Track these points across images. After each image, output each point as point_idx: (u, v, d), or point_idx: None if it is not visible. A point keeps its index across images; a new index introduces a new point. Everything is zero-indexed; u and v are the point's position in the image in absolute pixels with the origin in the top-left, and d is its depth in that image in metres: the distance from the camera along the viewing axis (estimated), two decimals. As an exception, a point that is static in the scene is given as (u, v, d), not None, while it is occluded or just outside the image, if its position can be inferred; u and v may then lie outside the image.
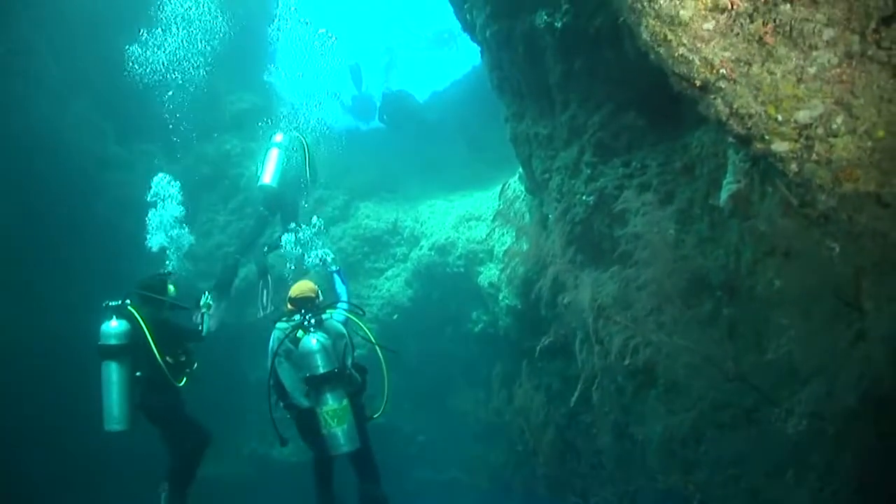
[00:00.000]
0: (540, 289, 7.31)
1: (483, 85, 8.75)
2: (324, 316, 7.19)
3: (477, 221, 12.08)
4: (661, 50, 2.54)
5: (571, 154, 6.94)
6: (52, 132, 12.13)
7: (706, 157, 5.40)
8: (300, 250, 9.60)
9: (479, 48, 8.21)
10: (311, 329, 6.88)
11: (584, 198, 6.77)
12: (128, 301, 7.41)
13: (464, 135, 15.48)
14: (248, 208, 13.16)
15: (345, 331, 7.25)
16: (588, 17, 6.17)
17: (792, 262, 3.98)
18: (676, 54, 2.50)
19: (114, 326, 7.17)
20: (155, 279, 8.01)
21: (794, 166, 2.71)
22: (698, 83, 2.55)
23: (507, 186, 9.16)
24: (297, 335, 6.96)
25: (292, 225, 9.70)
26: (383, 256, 13.34)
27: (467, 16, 7.84)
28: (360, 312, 7.76)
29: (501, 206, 8.90)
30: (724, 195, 4.51)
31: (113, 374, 7.14)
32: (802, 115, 2.52)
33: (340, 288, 8.31)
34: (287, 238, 9.86)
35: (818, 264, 3.51)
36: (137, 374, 7.29)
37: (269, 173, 10.23)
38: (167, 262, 8.89)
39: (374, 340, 7.51)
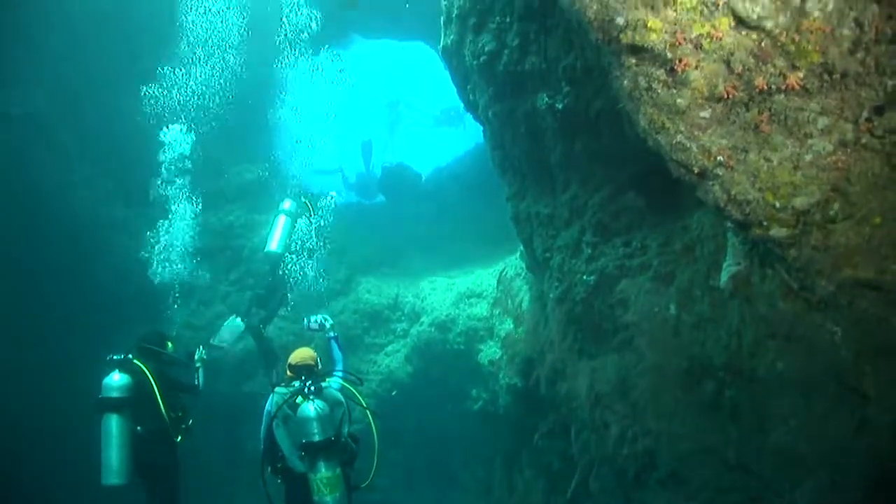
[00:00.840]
0: (538, 376, 7.27)
1: (485, 162, 8.88)
2: (322, 384, 7.19)
3: (478, 298, 12.05)
4: (660, 137, 2.59)
5: (572, 234, 6.99)
6: (59, 193, 12.39)
7: (706, 238, 5.43)
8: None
9: (481, 127, 8.35)
10: (311, 396, 6.90)
11: (584, 277, 6.79)
12: (130, 355, 7.47)
13: (465, 211, 15.59)
14: (250, 279, 13.25)
15: (342, 399, 7.26)
16: (588, 100, 6.28)
17: (793, 346, 3.96)
18: (674, 142, 2.55)
19: (116, 380, 7.18)
20: (153, 334, 8.07)
21: (792, 252, 2.73)
22: (696, 170, 2.59)
23: (504, 273, 9.23)
24: (296, 401, 6.97)
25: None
26: (383, 332, 13.28)
27: (470, 96, 7.99)
28: (358, 381, 7.76)
29: (499, 295, 8.96)
30: (724, 277, 4.52)
31: (113, 427, 7.09)
32: (800, 202, 2.55)
33: (337, 354, 8.27)
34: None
35: (820, 349, 3.49)
36: (138, 428, 7.26)
37: (275, 240, 10.59)
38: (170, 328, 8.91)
39: (365, 405, 7.53)
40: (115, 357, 7.40)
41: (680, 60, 2.36)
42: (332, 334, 8.63)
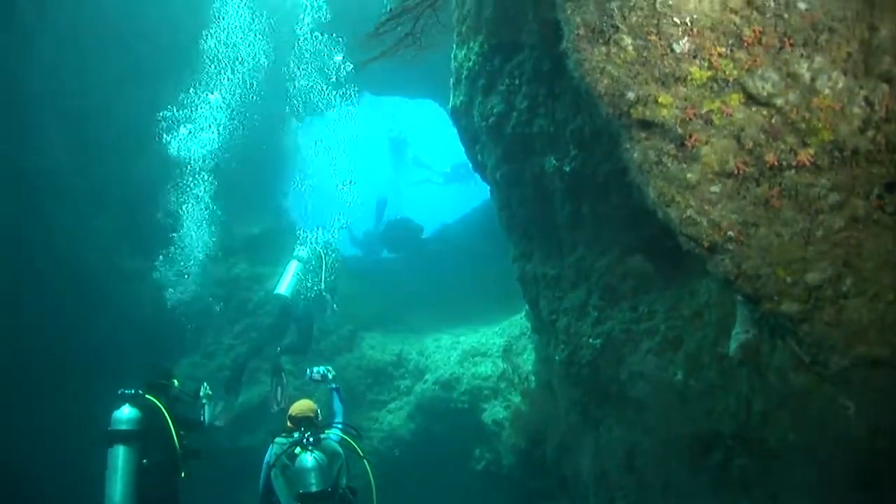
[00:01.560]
0: (543, 449, 7.18)
1: (492, 219, 8.92)
2: (322, 435, 7.30)
3: (483, 357, 11.98)
4: (670, 210, 2.57)
5: (579, 296, 6.95)
6: (70, 244, 12.48)
7: (714, 304, 5.38)
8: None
9: (489, 187, 8.38)
10: (309, 447, 7.02)
11: (591, 341, 6.73)
12: (141, 390, 7.51)
13: (472, 267, 15.59)
14: (254, 332, 13.23)
15: (341, 451, 7.36)
16: (596, 163, 6.32)
17: (805, 418, 3.88)
18: (684, 216, 2.53)
19: (126, 413, 7.25)
20: (161, 369, 8.18)
21: (804, 327, 2.69)
22: (706, 244, 2.57)
23: (510, 345, 9.30)
24: (295, 451, 7.07)
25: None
26: (386, 389, 13.18)
27: (478, 156, 8.04)
28: (356, 434, 7.86)
29: (506, 367, 9.01)
30: (733, 345, 4.46)
31: (120, 459, 7.11)
32: (812, 277, 2.52)
33: (338, 406, 8.36)
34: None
35: (833, 423, 3.42)
36: (144, 461, 7.23)
37: (284, 283, 11.08)
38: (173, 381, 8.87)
39: (363, 455, 7.61)
40: (125, 391, 7.45)
41: (690, 136, 2.36)
42: (333, 385, 8.70)
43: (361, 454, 7.58)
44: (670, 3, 2.22)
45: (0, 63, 11.70)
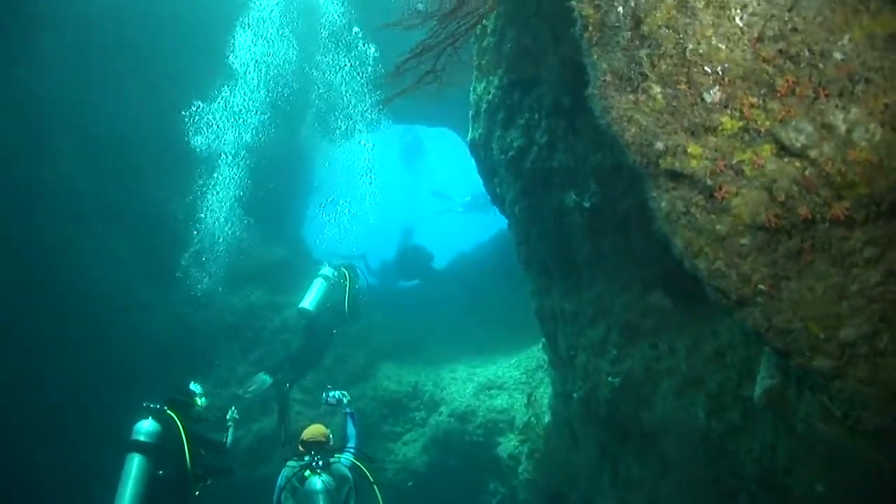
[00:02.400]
0: (560, 489, 7.07)
1: (508, 248, 8.87)
2: (332, 459, 7.59)
3: (498, 390, 11.87)
4: (697, 262, 2.49)
5: (598, 333, 6.85)
6: (86, 271, 12.50)
7: (737, 345, 5.26)
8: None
9: (507, 220, 8.32)
10: (319, 471, 7.33)
11: (609, 379, 6.61)
12: (165, 406, 7.73)
13: (488, 297, 15.51)
14: (269, 361, 13.19)
15: (350, 476, 7.57)
16: (616, 198, 6.24)
17: (834, 470, 3.76)
18: (713, 268, 2.45)
19: (146, 426, 7.46)
20: (187, 388, 8.42)
21: (837, 383, 2.58)
22: (735, 297, 2.48)
23: (533, 398, 9.30)
24: (305, 474, 7.35)
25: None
26: (401, 420, 13.04)
27: (496, 189, 7.99)
28: (368, 459, 8.04)
29: (530, 419, 8.98)
30: (757, 390, 4.33)
31: (135, 467, 7.29)
32: (846, 334, 2.42)
33: (351, 431, 8.50)
34: None
35: (866, 478, 3.30)
36: (159, 472, 7.42)
37: (308, 299, 11.41)
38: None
39: (373, 480, 7.81)
40: (149, 405, 7.70)
41: (720, 187, 2.28)
42: (348, 410, 8.86)
43: (371, 479, 7.73)
44: (701, 51, 2.16)
45: (19, 85, 11.80)
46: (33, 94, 11.98)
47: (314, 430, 7.98)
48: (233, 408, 8.91)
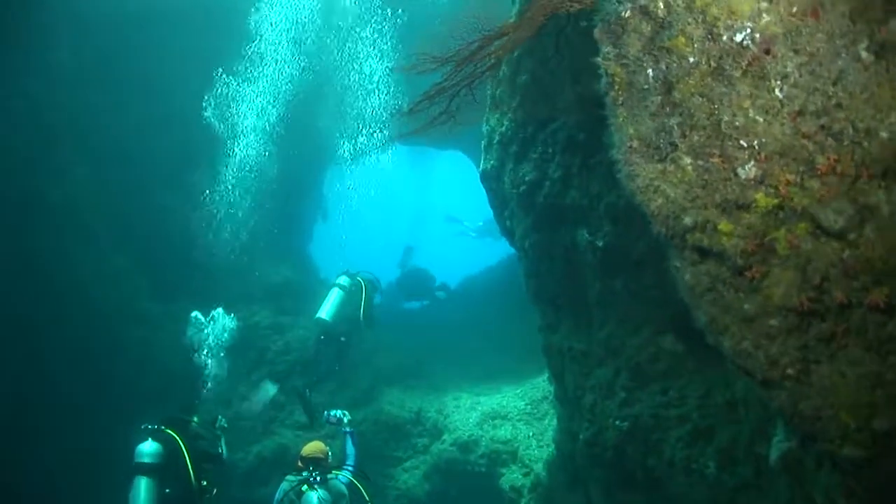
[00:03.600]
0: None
1: (516, 273, 8.76)
2: (329, 476, 7.75)
3: (502, 420, 11.68)
4: (722, 339, 2.34)
5: (607, 374, 6.67)
6: (90, 284, 12.40)
7: (751, 402, 5.07)
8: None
9: (517, 252, 8.17)
10: (316, 486, 7.49)
11: (617, 423, 6.43)
12: (163, 426, 7.92)
13: (494, 322, 15.33)
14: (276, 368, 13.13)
15: (346, 492, 7.73)
16: (631, 240, 6.09)
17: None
18: (739, 347, 2.30)
19: (147, 448, 7.68)
20: (183, 407, 8.69)
21: (867, 472, 2.42)
22: (760, 378, 2.33)
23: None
24: (302, 489, 7.54)
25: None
26: (403, 446, 12.81)
27: (507, 222, 7.85)
28: (365, 477, 8.17)
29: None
30: (773, 454, 4.15)
31: (143, 489, 7.52)
32: (879, 423, 2.26)
33: (350, 450, 8.64)
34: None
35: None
36: (167, 491, 7.64)
37: (325, 309, 11.75)
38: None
39: (368, 498, 7.94)
40: (148, 426, 7.90)
41: (751, 266, 2.13)
42: (347, 429, 9.00)
43: (367, 498, 7.88)
44: (737, 124, 2.02)
45: (27, 98, 11.76)
46: (37, 104, 11.93)
47: (313, 447, 8.11)
48: (220, 416, 9.04)
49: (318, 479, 7.58)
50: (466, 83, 3.58)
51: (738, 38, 1.94)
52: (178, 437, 7.85)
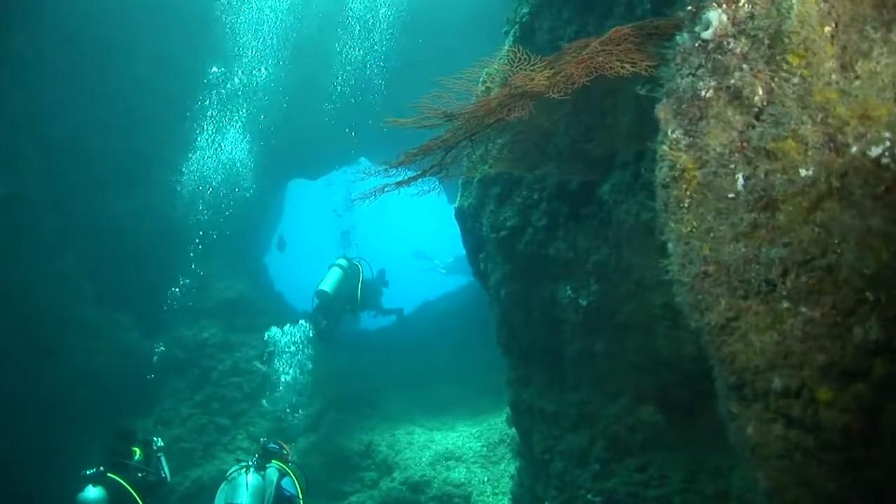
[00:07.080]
0: None
1: (478, 302, 8.38)
2: (268, 464, 8.22)
3: (456, 462, 11.13)
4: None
5: (580, 441, 6.18)
6: (34, 283, 11.67)
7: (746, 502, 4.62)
8: None
9: (488, 296, 7.66)
10: (252, 471, 7.93)
11: (590, 497, 5.94)
12: (102, 468, 7.75)
13: (452, 352, 14.79)
14: (216, 404, 12.41)
15: (273, 482, 8.09)
16: (618, 302, 5.63)
17: None
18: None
19: (93, 494, 7.53)
20: (121, 445, 8.35)
21: None
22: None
23: None
24: (241, 471, 7.98)
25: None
26: (350, 479, 12.17)
27: (481, 265, 7.34)
28: (304, 477, 8.63)
29: None
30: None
31: None
32: None
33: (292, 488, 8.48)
34: None
35: None
36: None
37: (327, 282, 12.70)
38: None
39: (300, 496, 8.29)
40: (87, 472, 7.72)
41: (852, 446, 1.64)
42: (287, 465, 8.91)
43: (300, 495, 8.24)
44: (865, 271, 1.52)
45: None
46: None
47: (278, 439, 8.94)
48: (156, 438, 8.97)
49: (257, 465, 8.03)
50: (468, 136, 3.08)
51: (874, 152, 1.46)
52: (121, 481, 7.74)
